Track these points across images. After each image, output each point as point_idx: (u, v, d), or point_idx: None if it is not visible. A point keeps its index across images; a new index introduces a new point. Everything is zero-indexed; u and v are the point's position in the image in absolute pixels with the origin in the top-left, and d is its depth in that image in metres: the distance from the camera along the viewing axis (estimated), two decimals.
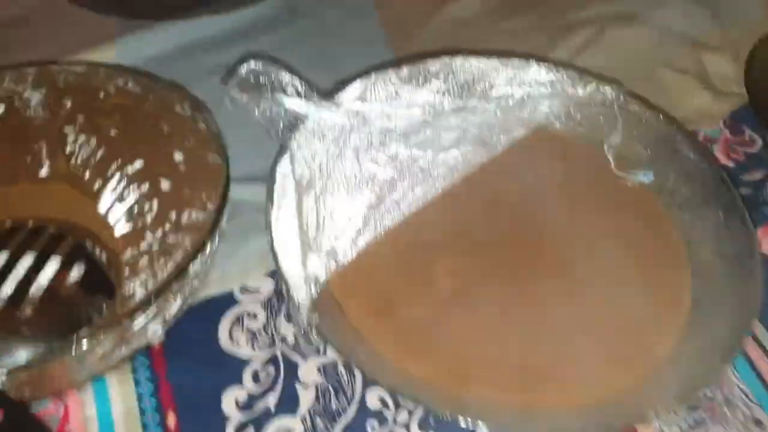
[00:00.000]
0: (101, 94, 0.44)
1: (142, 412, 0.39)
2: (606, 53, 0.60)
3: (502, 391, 0.36)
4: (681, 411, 0.39)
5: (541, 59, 0.46)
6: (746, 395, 0.41)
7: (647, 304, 0.40)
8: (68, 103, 0.44)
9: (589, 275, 0.41)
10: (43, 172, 0.45)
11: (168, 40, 0.56)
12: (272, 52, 0.58)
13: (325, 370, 0.40)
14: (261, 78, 0.38)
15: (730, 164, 0.53)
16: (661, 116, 0.44)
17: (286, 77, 0.38)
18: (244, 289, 0.43)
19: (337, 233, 0.39)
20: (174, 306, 0.37)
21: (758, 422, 0.40)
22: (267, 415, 0.39)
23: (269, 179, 0.40)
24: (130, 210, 0.43)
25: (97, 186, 0.44)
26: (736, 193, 0.42)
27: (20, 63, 0.45)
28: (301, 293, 0.35)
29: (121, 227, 0.43)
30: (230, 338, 0.42)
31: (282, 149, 0.41)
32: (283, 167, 0.39)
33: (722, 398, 0.40)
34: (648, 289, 0.41)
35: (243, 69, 0.38)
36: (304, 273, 0.36)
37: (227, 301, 0.43)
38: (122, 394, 0.39)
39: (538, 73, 0.44)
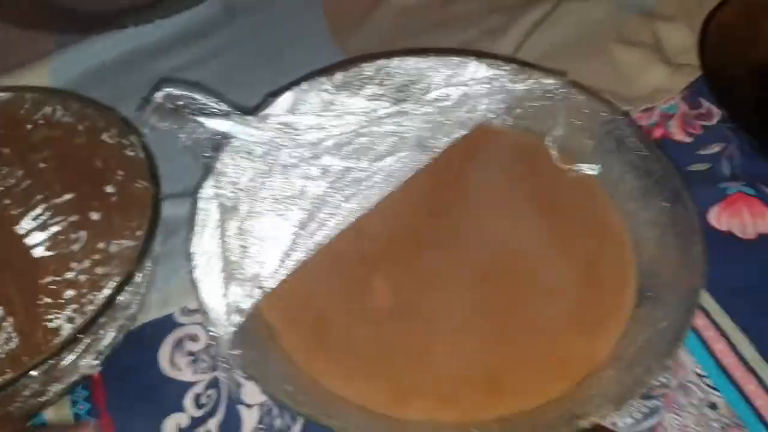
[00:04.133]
0: (28, 126, 0.42)
1: None
2: (562, 29, 0.58)
3: (442, 406, 0.35)
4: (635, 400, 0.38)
5: (480, 55, 0.44)
6: (703, 380, 0.40)
7: (591, 303, 0.39)
8: None
9: (533, 277, 0.40)
10: None
11: (104, 52, 0.55)
12: (212, 55, 0.56)
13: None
14: (179, 101, 0.37)
15: (687, 139, 0.51)
16: (604, 106, 0.43)
17: (203, 98, 0.37)
18: (185, 311, 0.42)
19: (264, 257, 0.38)
20: (108, 337, 0.36)
21: (713, 406, 0.39)
22: None
23: (192, 205, 0.38)
24: (53, 237, 0.42)
25: (16, 212, 0.42)
26: (681, 181, 0.40)
27: None
28: (222, 327, 0.34)
29: (39, 252, 0.42)
30: (171, 363, 0.41)
31: (206, 172, 0.39)
32: (207, 191, 0.38)
33: (677, 384, 0.40)
34: (592, 289, 0.40)
35: (158, 96, 0.37)
36: (225, 304, 0.35)
37: (168, 324, 0.42)
38: None
39: (476, 70, 0.42)
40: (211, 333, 0.35)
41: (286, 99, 0.41)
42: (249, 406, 0.39)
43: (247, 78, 0.53)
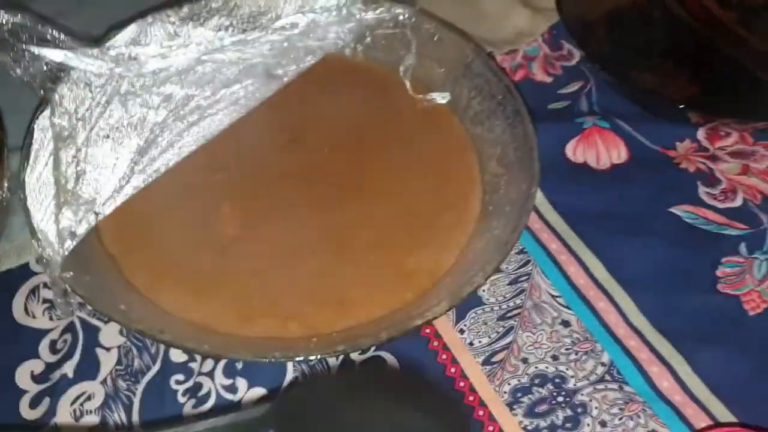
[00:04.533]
0: None
1: None
2: None
3: (288, 323, 0.35)
4: (491, 321, 0.39)
5: None
6: (556, 300, 0.41)
7: (438, 221, 0.40)
8: None
9: (384, 199, 0.40)
10: None
11: None
12: None
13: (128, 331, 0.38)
14: (15, 31, 0.35)
15: (548, 79, 0.53)
16: (453, 33, 0.43)
17: (40, 27, 0.36)
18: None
19: (100, 183, 0.37)
20: None
21: (566, 323, 0.40)
22: (64, 383, 0.38)
23: (26, 135, 0.37)
24: None
25: None
26: (520, 102, 0.41)
27: None
28: (54, 251, 0.33)
29: None
30: (25, 311, 0.40)
31: (42, 103, 0.38)
32: (42, 121, 0.37)
33: (531, 305, 0.41)
34: (439, 207, 0.40)
35: None
36: (58, 229, 0.33)
37: (23, 273, 0.41)
38: None
39: None
40: (43, 256, 0.33)
41: (129, 31, 0.40)
42: (107, 348, 0.39)
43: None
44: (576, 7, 0.54)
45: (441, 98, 0.43)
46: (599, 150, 0.48)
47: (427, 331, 0.39)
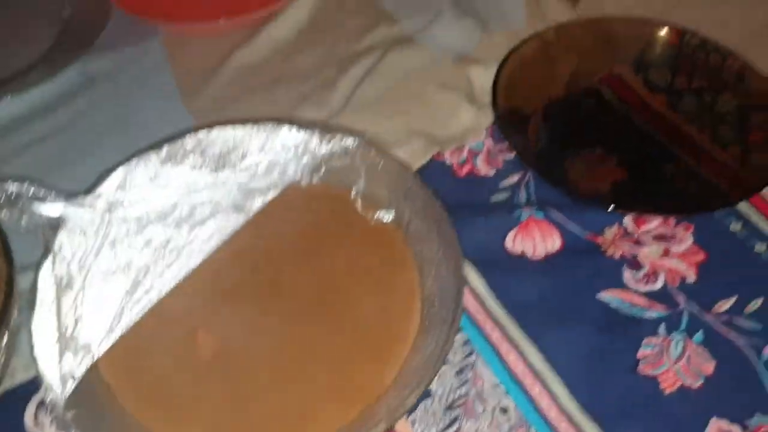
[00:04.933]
0: None
1: None
2: (387, 78, 0.65)
3: None
4: (438, 412, 0.45)
5: (291, 122, 0.50)
6: (497, 388, 0.46)
7: (382, 335, 0.46)
8: None
9: (336, 316, 0.46)
10: None
11: None
12: (70, 123, 0.60)
13: None
14: (18, 194, 0.42)
15: (491, 173, 0.58)
16: (395, 162, 0.50)
17: (34, 188, 0.42)
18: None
19: (93, 326, 0.43)
20: None
21: (504, 410, 0.46)
22: None
23: (32, 285, 0.43)
24: None
25: None
26: (447, 221, 0.47)
27: None
28: (57, 393, 0.39)
29: None
30: (35, 423, 0.45)
31: (45, 252, 0.44)
32: (45, 270, 0.43)
33: (474, 393, 0.47)
34: (384, 323, 0.46)
35: None
36: (60, 373, 0.40)
37: (33, 386, 0.46)
38: None
39: (287, 135, 0.48)
40: (49, 399, 0.40)
41: (116, 176, 0.46)
42: None
43: (97, 149, 0.58)
44: (513, 99, 0.60)
45: (387, 216, 0.49)
46: (536, 240, 0.54)
47: None
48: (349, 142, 0.47)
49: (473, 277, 0.51)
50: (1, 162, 0.56)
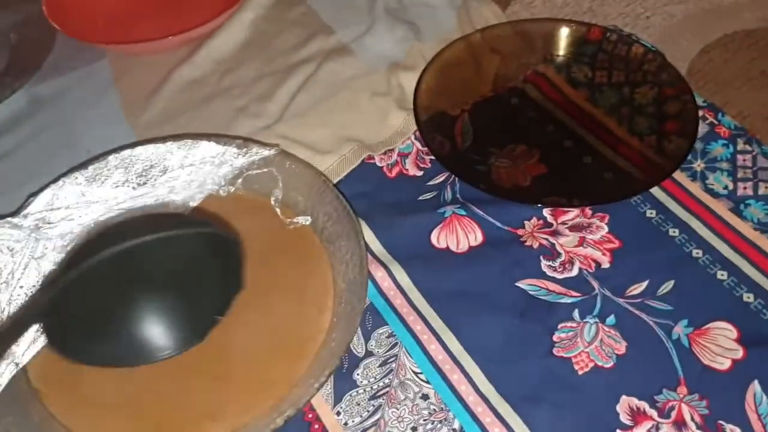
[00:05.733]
0: None
1: None
2: (322, 88, 0.67)
3: None
4: (363, 402, 0.47)
5: (211, 136, 0.53)
6: (418, 376, 0.49)
7: (295, 334, 0.48)
8: None
9: (253, 315, 0.49)
10: None
11: None
12: (18, 147, 0.63)
13: None
14: None
15: (419, 173, 0.61)
16: (308, 170, 0.52)
17: None
18: None
19: (20, 338, 0.46)
20: None
21: (425, 397, 0.48)
22: None
23: None
24: None
25: None
26: (358, 227, 0.50)
27: None
28: None
29: None
30: None
31: None
32: None
33: (397, 383, 0.49)
34: (302, 317, 0.48)
35: None
36: None
37: None
38: None
39: (207, 149, 0.51)
40: None
41: (44, 196, 0.49)
42: None
43: (45, 171, 0.60)
44: (436, 104, 0.62)
45: (304, 221, 0.52)
46: (458, 235, 0.56)
47: (310, 416, 0.48)
48: (266, 152, 0.50)
49: (400, 272, 0.54)
50: None
